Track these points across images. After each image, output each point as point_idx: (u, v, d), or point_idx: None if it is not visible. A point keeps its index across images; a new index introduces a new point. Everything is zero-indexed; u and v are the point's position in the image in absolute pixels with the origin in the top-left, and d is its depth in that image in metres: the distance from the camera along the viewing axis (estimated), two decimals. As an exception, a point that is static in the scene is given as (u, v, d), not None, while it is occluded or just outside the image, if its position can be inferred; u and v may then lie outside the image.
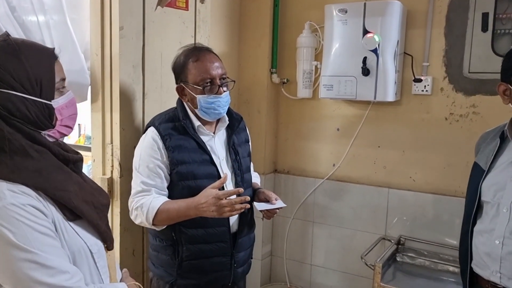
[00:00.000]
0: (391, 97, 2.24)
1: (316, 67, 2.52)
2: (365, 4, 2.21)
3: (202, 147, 1.68)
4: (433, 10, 2.25)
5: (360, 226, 2.54)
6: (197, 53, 1.68)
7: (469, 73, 2.20)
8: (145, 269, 2.02)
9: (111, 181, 1.88)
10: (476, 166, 1.58)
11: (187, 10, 2.12)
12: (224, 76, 1.70)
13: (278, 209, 1.77)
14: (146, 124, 1.82)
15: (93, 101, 1.91)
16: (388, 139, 2.44)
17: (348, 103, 2.52)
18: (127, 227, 1.90)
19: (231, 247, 1.72)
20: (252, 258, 1.89)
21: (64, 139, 1.26)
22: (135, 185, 1.66)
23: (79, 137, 3.76)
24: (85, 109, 1.85)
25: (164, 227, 1.64)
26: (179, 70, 1.70)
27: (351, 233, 2.58)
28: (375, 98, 2.23)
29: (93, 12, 1.84)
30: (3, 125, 0.99)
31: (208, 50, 1.73)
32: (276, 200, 1.77)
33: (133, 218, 1.66)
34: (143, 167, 1.64)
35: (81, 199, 1.07)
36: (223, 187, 1.65)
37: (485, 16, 2.12)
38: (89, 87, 1.91)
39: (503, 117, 1.58)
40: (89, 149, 2.04)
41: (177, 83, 1.73)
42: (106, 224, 1.16)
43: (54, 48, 1.10)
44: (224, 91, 1.69)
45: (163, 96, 2.04)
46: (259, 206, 1.77)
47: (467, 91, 2.22)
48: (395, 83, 2.24)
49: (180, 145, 1.65)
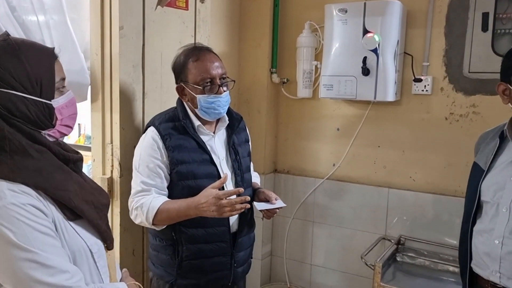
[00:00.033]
0: (391, 97, 2.24)
1: (316, 67, 2.52)
2: (365, 4, 2.20)
3: (202, 147, 1.68)
4: (433, 10, 2.25)
5: (360, 226, 2.54)
6: (197, 52, 1.68)
7: (469, 73, 2.20)
8: (145, 268, 2.02)
9: (111, 181, 1.88)
10: (475, 166, 1.58)
11: (187, 10, 2.12)
12: (224, 76, 1.70)
13: (278, 209, 1.77)
14: (146, 123, 1.82)
15: (93, 100, 1.91)
16: (388, 139, 2.44)
17: (348, 103, 2.52)
18: (127, 227, 1.90)
19: (231, 247, 1.72)
20: (252, 258, 1.89)
21: (64, 139, 1.26)
22: (135, 185, 1.66)
23: (79, 136, 3.77)
24: (85, 109, 1.86)
25: (164, 227, 1.64)
26: (179, 69, 1.70)
27: (351, 233, 2.58)
28: (375, 98, 2.23)
29: (93, 12, 1.84)
30: (3, 125, 0.98)
31: (208, 49, 1.73)
32: (276, 199, 1.77)
33: (133, 218, 1.66)
34: (143, 167, 1.64)
35: (81, 198, 1.07)
36: (223, 187, 1.65)
37: (485, 16, 2.12)
38: (89, 87, 1.91)
39: (503, 117, 1.58)
40: (89, 149, 2.04)
41: (177, 82, 1.73)
42: (106, 223, 1.16)
43: (54, 47, 1.10)
44: (224, 91, 1.69)
45: (163, 96, 2.04)
46: (259, 206, 1.77)
47: (467, 91, 2.22)
48: (395, 83, 2.24)
49: (180, 144, 1.65)
